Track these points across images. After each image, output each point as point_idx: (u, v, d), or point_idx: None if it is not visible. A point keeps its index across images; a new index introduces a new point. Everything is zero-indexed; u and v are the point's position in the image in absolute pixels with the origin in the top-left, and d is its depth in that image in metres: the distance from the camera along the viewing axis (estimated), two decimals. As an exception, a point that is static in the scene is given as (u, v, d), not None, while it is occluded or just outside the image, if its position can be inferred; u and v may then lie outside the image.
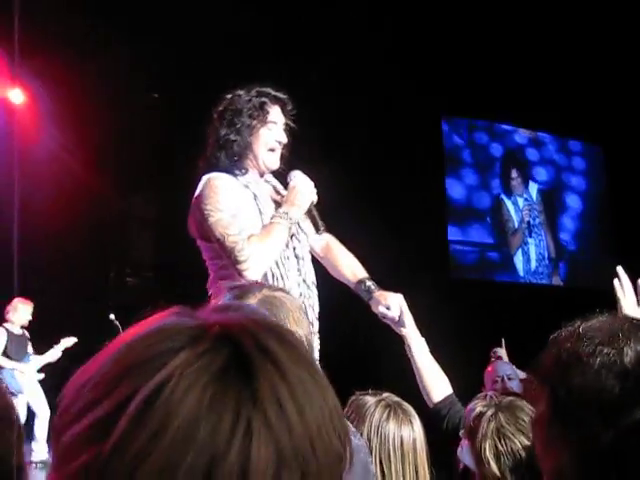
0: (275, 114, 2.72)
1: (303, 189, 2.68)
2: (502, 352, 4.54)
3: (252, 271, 2.50)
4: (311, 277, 2.79)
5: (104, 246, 6.65)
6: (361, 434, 1.82)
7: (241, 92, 2.72)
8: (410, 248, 7.01)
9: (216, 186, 2.59)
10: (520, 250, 8.67)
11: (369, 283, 2.75)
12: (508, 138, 8.94)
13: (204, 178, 2.62)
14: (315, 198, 2.71)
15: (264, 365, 0.51)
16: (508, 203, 8.71)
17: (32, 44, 5.10)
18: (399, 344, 2.49)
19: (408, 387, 2.33)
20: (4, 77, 6.00)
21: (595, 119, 8.38)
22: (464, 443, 1.91)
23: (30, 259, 5.63)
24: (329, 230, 2.91)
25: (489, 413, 1.84)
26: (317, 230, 2.75)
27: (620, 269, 2.22)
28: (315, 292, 2.80)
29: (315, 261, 2.89)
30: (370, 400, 1.94)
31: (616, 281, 2.18)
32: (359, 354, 5.99)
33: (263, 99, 2.70)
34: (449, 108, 8.24)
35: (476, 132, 8.72)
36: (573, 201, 9.19)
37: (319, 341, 2.75)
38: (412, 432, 1.91)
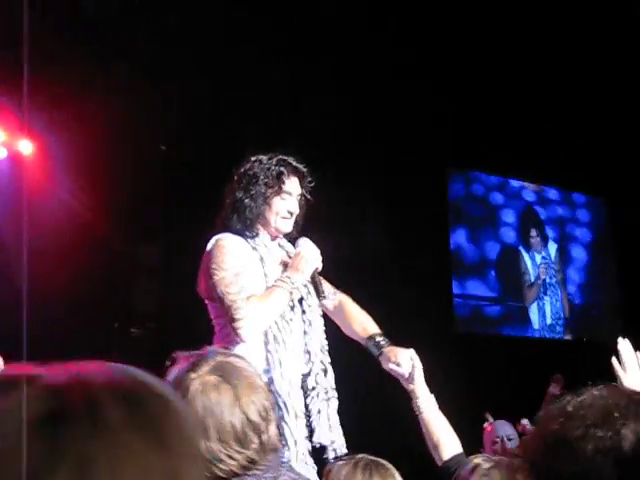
0: (291, 185, 2.81)
1: (308, 256, 2.75)
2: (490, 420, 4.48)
3: (246, 330, 2.55)
4: (319, 343, 2.80)
5: (109, 296, 6.66)
6: None
7: (263, 157, 2.82)
8: (413, 302, 6.99)
9: (223, 246, 2.68)
10: (536, 304, 8.62)
11: (379, 339, 2.76)
12: (513, 191, 8.97)
13: (213, 238, 2.71)
14: (320, 265, 2.77)
15: (82, 421, 0.48)
16: (526, 256, 8.70)
17: (41, 93, 5.17)
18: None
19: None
20: (13, 128, 6.07)
21: (596, 171, 8.43)
22: None
23: (37, 309, 5.63)
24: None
25: (485, 466, 1.83)
26: (319, 297, 2.79)
27: (622, 344, 2.13)
28: (327, 358, 2.80)
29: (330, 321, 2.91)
30: (347, 464, 1.94)
31: (614, 359, 2.11)
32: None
33: (281, 169, 2.80)
34: (453, 160, 8.30)
35: (479, 185, 8.75)
36: (578, 253, 9.18)
37: (337, 403, 2.74)
38: None
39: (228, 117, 6.17)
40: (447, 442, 2.30)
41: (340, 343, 2.96)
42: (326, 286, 2.93)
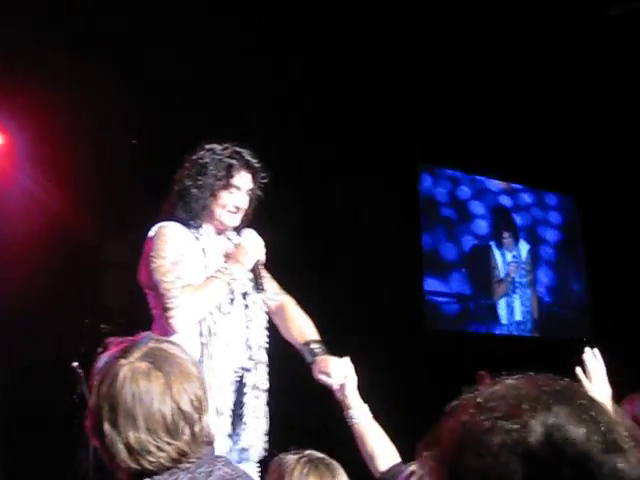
0: (240, 179, 2.71)
1: (249, 247, 2.67)
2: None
3: (178, 320, 2.45)
4: (260, 340, 2.72)
5: (78, 291, 6.58)
6: None
7: (217, 147, 2.73)
8: (384, 300, 6.99)
9: (164, 234, 2.60)
10: (504, 301, 8.66)
11: (314, 346, 2.68)
12: (484, 189, 8.99)
13: (156, 226, 2.63)
14: (263, 258, 2.69)
15: None
16: (497, 253, 8.73)
17: (8, 83, 5.09)
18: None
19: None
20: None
21: (567, 170, 8.49)
22: None
23: (2, 301, 5.55)
24: (294, 286, 2.88)
25: (421, 472, 1.79)
26: (257, 290, 2.72)
27: (587, 353, 2.12)
28: (264, 356, 2.72)
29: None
30: (291, 458, 1.90)
31: (579, 369, 2.10)
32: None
33: (232, 162, 2.70)
34: (424, 157, 8.29)
35: (450, 182, 8.76)
36: (548, 254, 9.25)
37: (264, 400, 2.68)
38: None
39: (198, 111, 6.11)
40: (382, 452, 2.22)
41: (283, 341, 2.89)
42: (271, 285, 2.83)
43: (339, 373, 2.44)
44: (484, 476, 0.77)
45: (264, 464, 2.07)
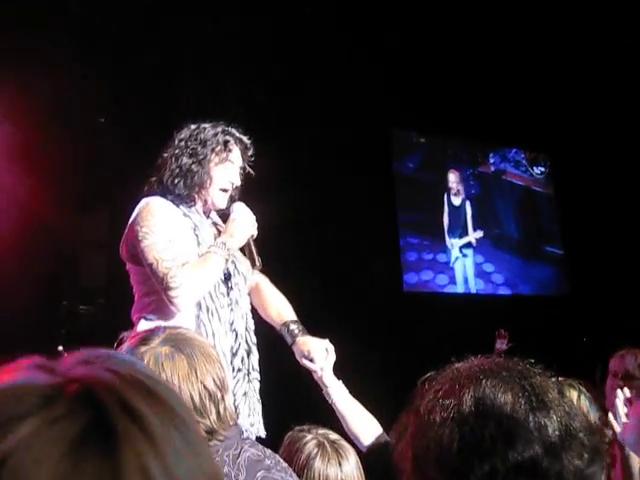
0: (235, 155, 2.71)
1: (243, 221, 2.63)
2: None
3: (182, 299, 2.41)
4: (245, 322, 2.71)
5: (55, 274, 6.54)
6: (293, 469, 1.77)
7: (207, 125, 2.72)
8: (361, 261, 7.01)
9: (154, 209, 2.54)
10: (472, 260, 8.73)
11: (293, 327, 2.66)
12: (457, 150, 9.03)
13: (143, 201, 2.57)
14: (255, 232, 2.66)
15: (129, 430, 0.44)
16: (468, 210, 8.80)
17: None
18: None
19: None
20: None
21: (541, 128, 8.51)
22: None
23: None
24: (271, 261, 2.86)
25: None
26: (253, 265, 2.69)
27: (619, 396, 2.24)
28: (253, 338, 2.71)
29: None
30: (304, 436, 1.93)
31: (610, 415, 2.20)
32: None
33: (228, 137, 2.69)
34: (397, 120, 8.27)
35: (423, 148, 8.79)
36: (522, 210, 9.31)
37: (259, 385, 2.68)
38: (339, 472, 1.87)
39: (164, 84, 6.05)
40: (363, 428, 2.24)
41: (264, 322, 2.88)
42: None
43: (322, 357, 2.45)
44: (432, 449, 0.87)
45: (268, 442, 2.07)
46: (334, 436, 1.95)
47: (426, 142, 8.78)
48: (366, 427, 2.24)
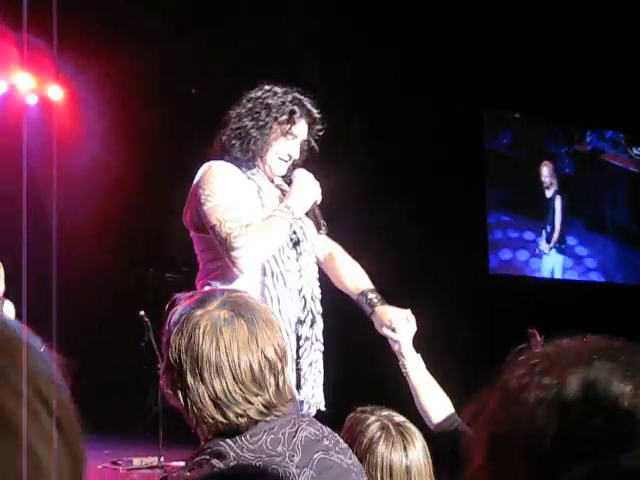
0: (300, 128, 2.57)
1: (307, 186, 2.53)
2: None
3: (245, 260, 2.34)
4: (314, 290, 2.64)
5: (145, 243, 6.69)
6: (355, 454, 1.63)
7: (279, 90, 2.59)
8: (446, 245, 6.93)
9: (217, 172, 2.45)
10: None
11: (371, 296, 2.56)
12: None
13: (205, 165, 2.50)
14: (319, 197, 2.57)
15: None
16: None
17: (71, 40, 5.10)
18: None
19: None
20: (43, 74, 6.02)
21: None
22: None
23: (69, 258, 5.64)
24: (342, 230, 2.78)
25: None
26: (318, 230, 2.57)
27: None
28: (318, 307, 2.64)
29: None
30: (367, 418, 1.81)
31: None
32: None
33: (295, 108, 2.56)
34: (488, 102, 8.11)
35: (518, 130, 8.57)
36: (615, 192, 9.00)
37: (321, 356, 2.61)
38: (404, 458, 1.76)
39: (255, 58, 6.06)
40: (435, 404, 2.16)
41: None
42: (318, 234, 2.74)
43: (404, 327, 2.35)
44: (519, 432, 0.72)
45: (327, 419, 2.03)
46: (399, 418, 1.82)
47: (520, 117, 8.56)
48: (438, 404, 2.16)
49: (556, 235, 8.52)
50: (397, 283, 2.84)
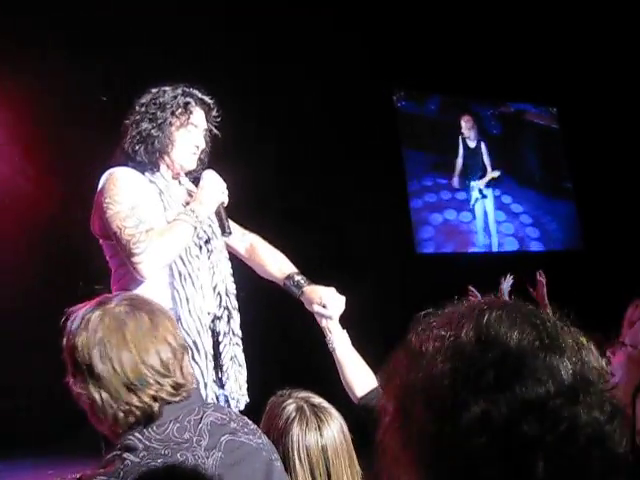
0: (197, 117, 2.64)
1: (212, 189, 2.57)
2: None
3: (146, 265, 2.37)
4: (228, 286, 2.66)
5: (70, 256, 6.60)
6: (273, 436, 1.73)
7: (167, 88, 2.63)
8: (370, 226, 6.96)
9: (117, 179, 2.49)
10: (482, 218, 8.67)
11: (298, 278, 2.64)
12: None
13: (107, 172, 2.53)
14: (225, 199, 2.61)
15: None
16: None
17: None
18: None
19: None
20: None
21: (550, 81, 8.33)
22: None
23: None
24: (260, 224, 2.82)
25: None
26: (223, 233, 2.64)
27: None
28: (234, 302, 2.67)
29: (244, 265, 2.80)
30: (283, 401, 1.85)
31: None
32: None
33: (188, 99, 2.61)
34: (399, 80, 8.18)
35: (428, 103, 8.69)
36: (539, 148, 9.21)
37: (240, 349, 2.66)
38: (320, 438, 1.79)
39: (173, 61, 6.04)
40: (359, 379, 2.22)
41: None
42: (234, 227, 2.75)
43: (334, 303, 2.43)
44: (421, 379, 0.78)
45: (252, 409, 2.04)
46: (316, 400, 1.86)
47: (440, 93, 8.70)
48: (362, 378, 2.22)
49: (488, 176, 8.72)
50: (317, 269, 2.88)
